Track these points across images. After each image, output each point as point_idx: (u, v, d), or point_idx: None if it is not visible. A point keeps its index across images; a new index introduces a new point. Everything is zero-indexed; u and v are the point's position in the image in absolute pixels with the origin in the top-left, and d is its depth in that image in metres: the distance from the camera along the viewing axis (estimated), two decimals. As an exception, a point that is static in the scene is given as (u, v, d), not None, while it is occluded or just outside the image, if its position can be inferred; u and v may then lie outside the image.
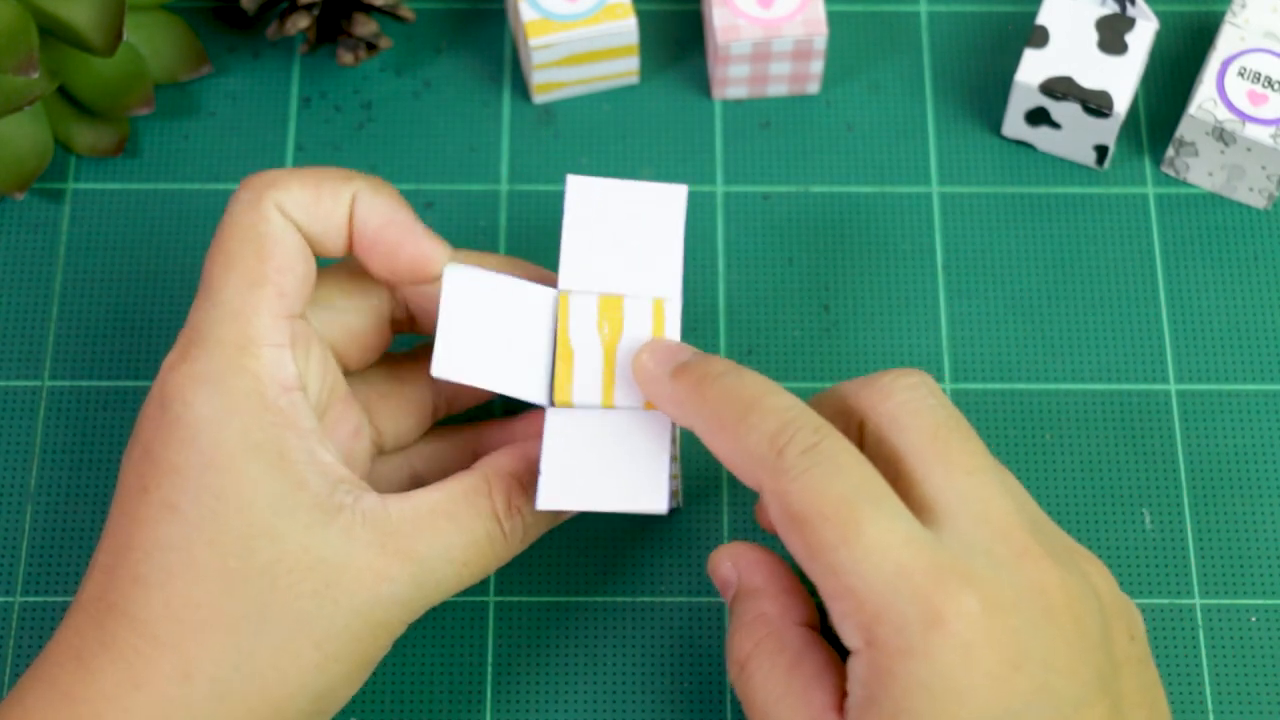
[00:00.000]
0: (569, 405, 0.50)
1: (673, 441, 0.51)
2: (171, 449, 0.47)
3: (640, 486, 0.50)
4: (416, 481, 0.55)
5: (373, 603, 0.47)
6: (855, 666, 0.44)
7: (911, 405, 0.47)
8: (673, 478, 0.54)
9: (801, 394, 0.60)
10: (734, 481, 0.59)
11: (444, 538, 0.48)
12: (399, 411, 0.53)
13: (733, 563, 0.50)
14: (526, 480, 0.50)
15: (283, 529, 0.46)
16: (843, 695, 0.45)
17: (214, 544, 0.46)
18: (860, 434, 0.48)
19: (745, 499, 0.58)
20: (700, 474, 0.58)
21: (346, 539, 0.47)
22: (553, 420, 0.50)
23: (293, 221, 0.49)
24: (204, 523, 0.46)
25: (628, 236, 0.52)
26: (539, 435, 0.52)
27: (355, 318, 0.52)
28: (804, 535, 0.44)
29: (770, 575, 0.49)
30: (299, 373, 0.48)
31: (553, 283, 0.52)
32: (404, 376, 0.54)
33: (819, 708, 0.45)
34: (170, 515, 0.46)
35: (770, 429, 0.45)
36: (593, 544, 0.58)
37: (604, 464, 0.50)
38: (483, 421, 0.57)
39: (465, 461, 0.55)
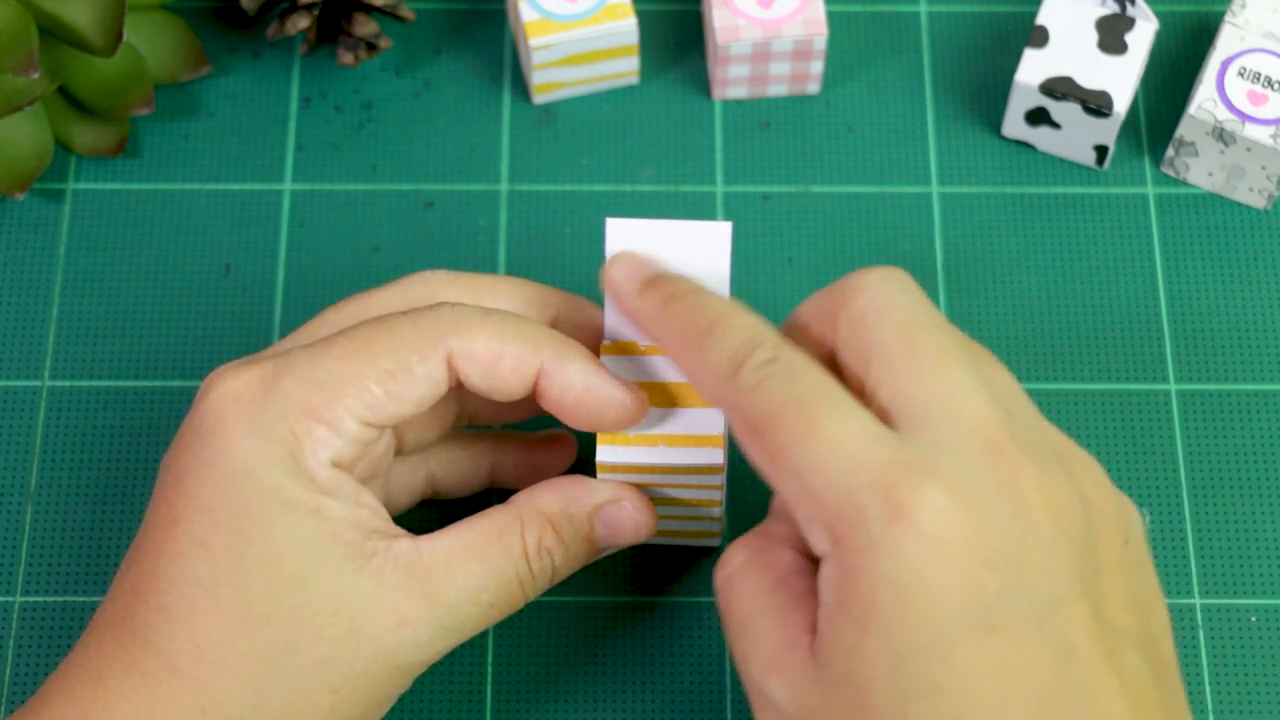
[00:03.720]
0: (621, 443, 0.50)
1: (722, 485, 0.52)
2: (206, 487, 0.46)
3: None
4: (433, 484, 0.55)
5: (395, 647, 0.47)
6: (825, 572, 0.43)
7: (880, 302, 0.45)
8: (717, 519, 0.55)
9: (801, 394, 0.60)
10: (733, 484, 0.59)
11: (473, 579, 0.48)
12: (421, 421, 0.53)
13: None
14: (560, 522, 0.50)
15: (310, 577, 0.46)
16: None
17: (241, 586, 0.46)
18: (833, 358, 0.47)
19: (747, 499, 0.58)
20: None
21: (375, 584, 0.47)
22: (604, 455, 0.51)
23: (461, 372, 0.48)
24: (232, 565, 0.46)
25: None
26: (570, 472, 0.53)
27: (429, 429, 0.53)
28: (762, 442, 0.44)
29: (780, 502, 0.48)
30: (349, 463, 0.48)
31: (553, 302, 0.52)
32: None
33: (795, 627, 0.44)
34: (199, 553, 0.46)
35: (731, 346, 0.45)
36: (593, 544, 0.58)
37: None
38: (503, 433, 0.57)
39: (482, 471, 0.55)
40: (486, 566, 0.48)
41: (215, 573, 0.46)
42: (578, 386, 0.49)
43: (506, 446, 0.56)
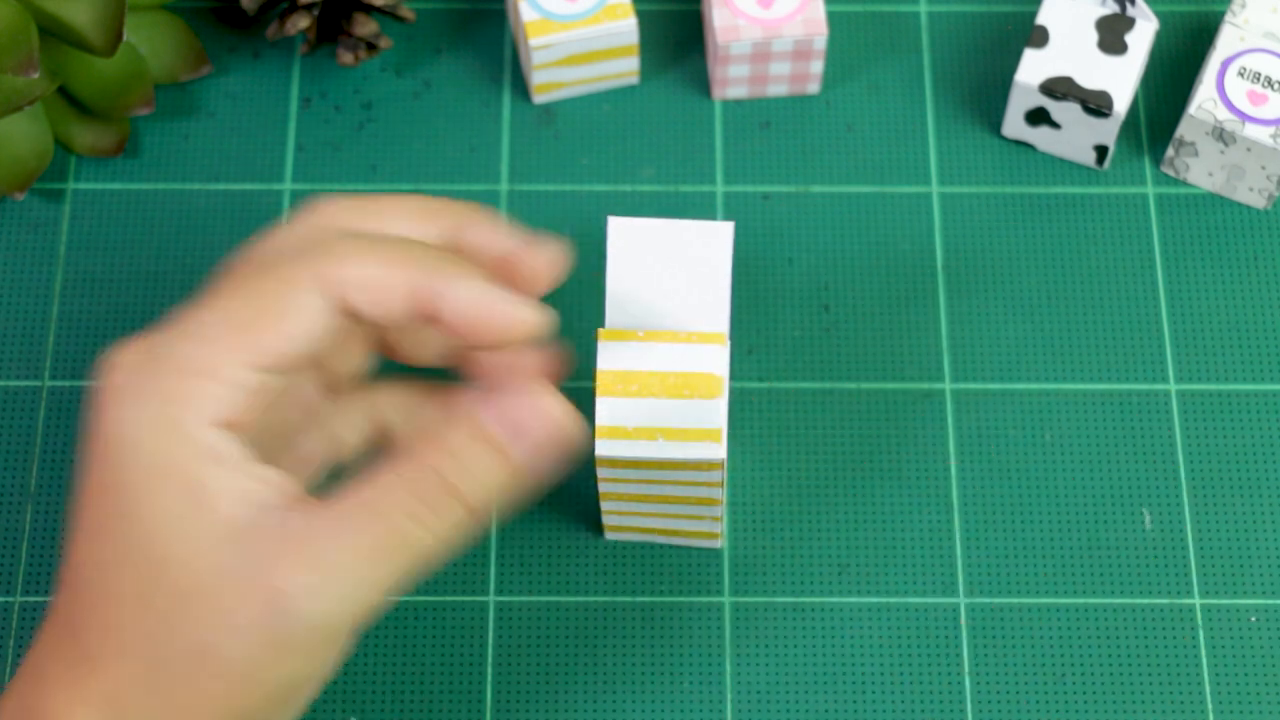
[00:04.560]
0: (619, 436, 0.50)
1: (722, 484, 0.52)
2: (95, 465, 0.46)
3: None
4: (385, 436, 0.53)
5: (277, 626, 0.44)
6: None
7: None
8: (717, 518, 0.55)
9: (800, 394, 0.60)
10: (733, 485, 0.59)
11: (362, 537, 0.45)
12: (338, 356, 0.51)
13: None
14: (455, 444, 0.46)
15: (183, 557, 0.44)
16: None
17: (131, 567, 0.45)
18: None
19: (747, 499, 0.58)
20: (700, 474, 0.58)
21: (253, 560, 0.44)
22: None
23: (343, 299, 0.46)
24: (121, 545, 0.45)
25: (672, 276, 0.51)
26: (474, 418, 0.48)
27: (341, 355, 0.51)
28: None
29: None
30: (244, 417, 0.46)
31: (448, 217, 0.50)
32: None
33: None
34: (97, 535, 0.45)
35: None
36: (592, 544, 0.58)
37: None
38: (462, 386, 0.53)
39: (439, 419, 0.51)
40: (368, 514, 0.45)
41: (109, 555, 0.45)
42: (468, 304, 0.46)
43: (464, 399, 0.50)
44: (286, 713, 0.47)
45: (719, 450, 0.50)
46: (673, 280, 0.51)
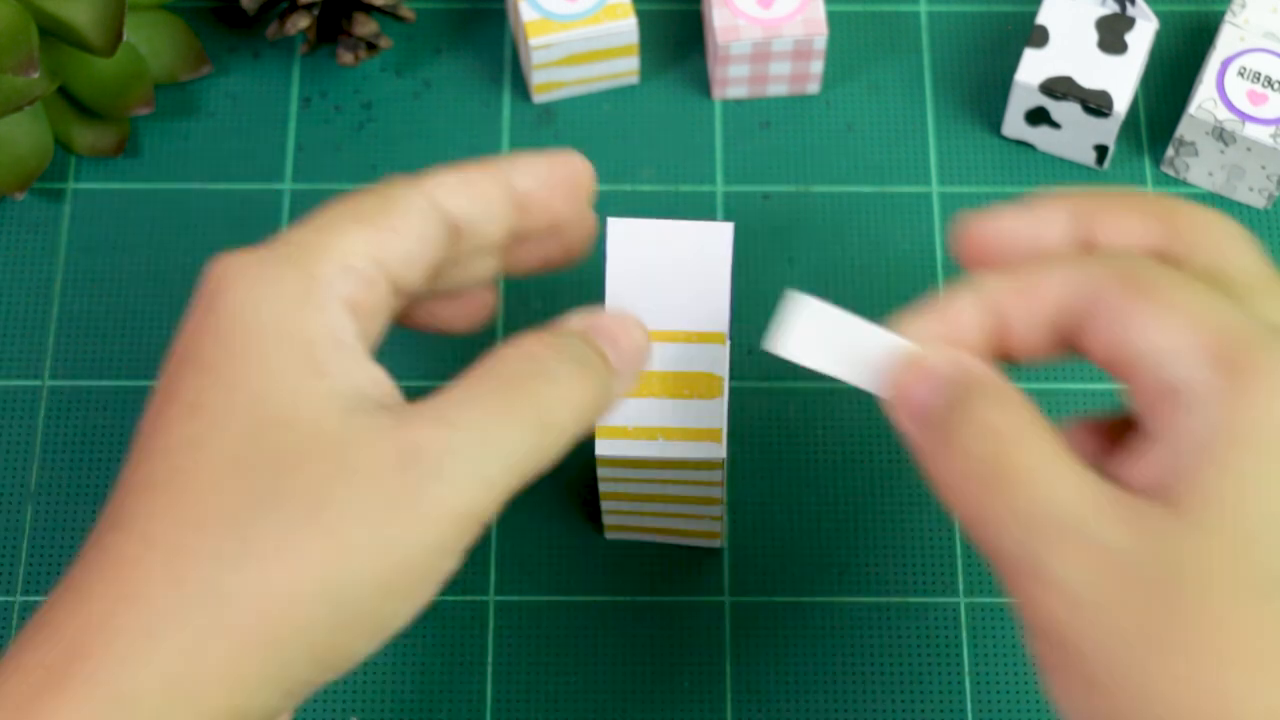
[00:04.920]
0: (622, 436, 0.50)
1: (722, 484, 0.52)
2: (202, 344, 0.43)
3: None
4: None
5: (400, 485, 0.40)
6: (1197, 408, 0.39)
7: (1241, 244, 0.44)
8: (717, 518, 0.55)
9: (800, 394, 0.60)
10: (733, 483, 0.59)
11: (469, 390, 0.42)
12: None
13: (958, 363, 0.43)
14: (554, 332, 0.45)
15: (298, 417, 0.41)
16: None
17: (226, 435, 0.41)
18: None
19: (747, 499, 0.58)
20: (700, 474, 0.58)
21: (366, 423, 0.41)
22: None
23: (445, 209, 0.46)
24: (221, 415, 0.41)
25: (672, 276, 0.51)
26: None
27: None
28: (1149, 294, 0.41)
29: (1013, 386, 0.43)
30: (363, 302, 0.44)
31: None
32: None
33: (1109, 483, 0.40)
34: (191, 414, 0.42)
35: None
36: (592, 544, 0.58)
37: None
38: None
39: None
40: (489, 375, 0.42)
41: (203, 429, 0.41)
42: (537, 164, 0.47)
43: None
44: (383, 619, 0.42)
45: (719, 450, 0.50)
46: (672, 280, 0.51)
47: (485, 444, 0.41)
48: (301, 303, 0.42)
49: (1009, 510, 0.40)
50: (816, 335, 0.44)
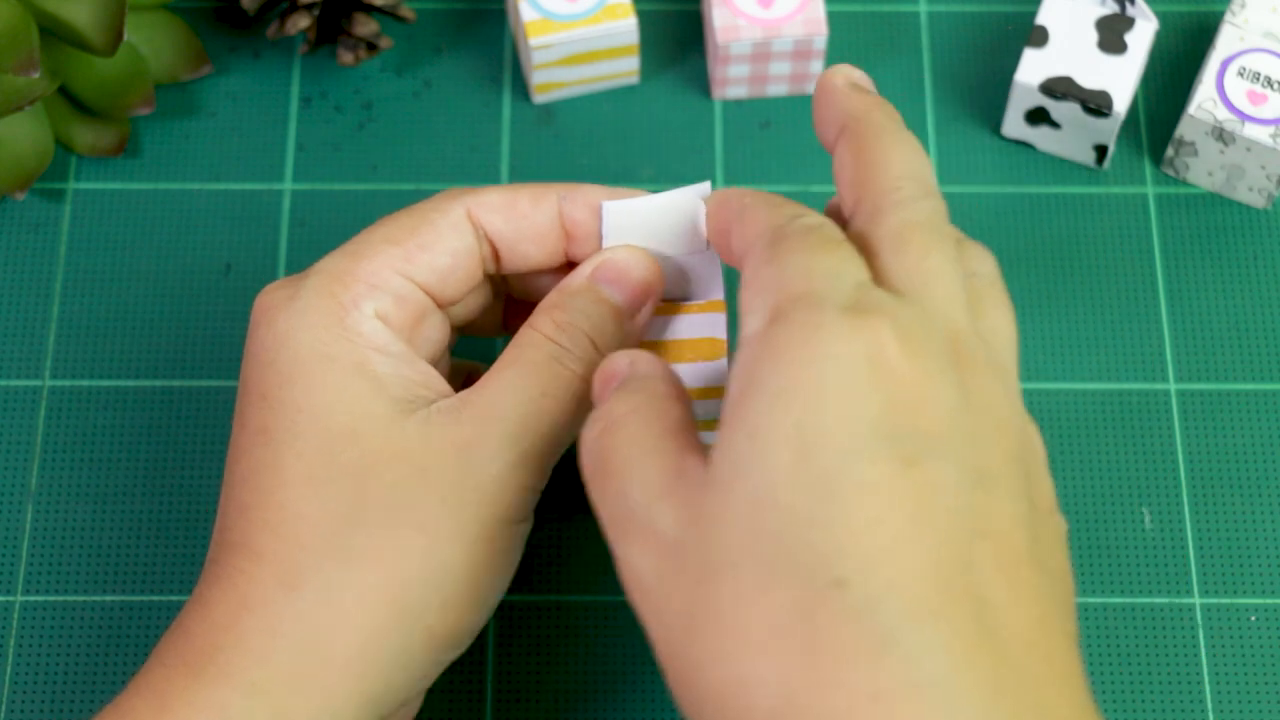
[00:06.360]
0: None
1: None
2: (258, 375, 0.47)
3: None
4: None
5: (465, 472, 0.46)
6: (742, 356, 0.41)
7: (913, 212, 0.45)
8: None
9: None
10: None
11: (511, 380, 0.47)
12: (466, 304, 0.53)
13: (632, 360, 0.46)
14: (562, 298, 0.49)
15: (362, 429, 0.46)
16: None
17: (300, 455, 0.46)
18: None
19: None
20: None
21: (425, 426, 0.46)
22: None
23: (482, 225, 0.50)
24: (288, 438, 0.46)
25: (668, 249, 0.51)
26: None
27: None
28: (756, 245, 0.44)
29: (669, 374, 0.46)
30: (398, 316, 0.48)
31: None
32: None
33: (687, 463, 0.41)
34: (262, 440, 0.46)
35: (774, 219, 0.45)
36: (593, 543, 0.58)
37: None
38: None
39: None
40: (519, 365, 0.47)
41: (277, 452, 0.46)
42: (597, 195, 0.50)
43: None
44: (481, 590, 0.47)
45: (709, 435, 0.50)
46: (668, 252, 0.51)
47: (529, 427, 0.47)
48: (337, 327, 0.47)
49: (603, 500, 0.43)
50: (630, 227, 0.50)
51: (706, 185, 0.50)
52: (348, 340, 0.47)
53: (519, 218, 0.50)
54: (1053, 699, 0.38)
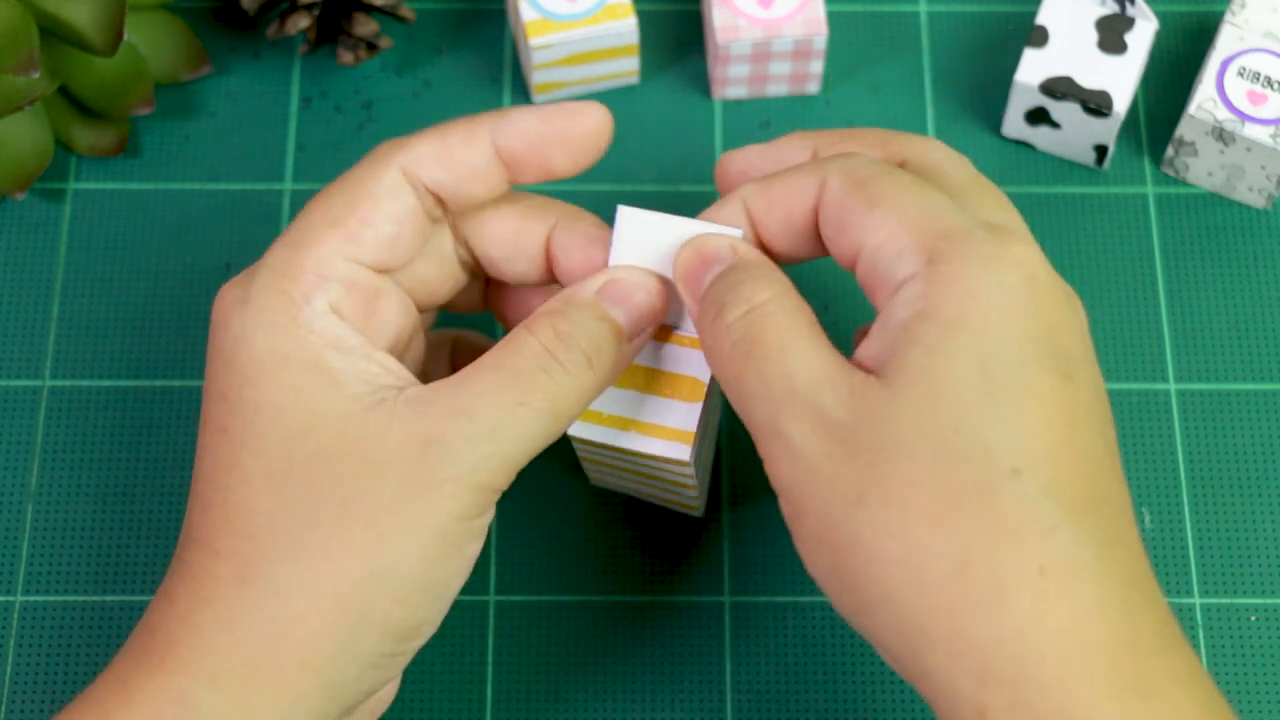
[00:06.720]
0: (597, 421, 0.50)
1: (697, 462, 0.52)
2: (219, 376, 0.48)
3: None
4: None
5: (422, 467, 0.45)
6: (906, 293, 0.45)
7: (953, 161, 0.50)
8: (696, 494, 0.55)
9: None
10: (732, 480, 0.59)
11: (492, 383, 0.46)
12: (427, 280, 0.52)
13: (733, 245, 0.49)
14: (567, 309, 0.49)
15: (317, 426, 0.46)
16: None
17: (258, 453, 0.46)
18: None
19: (747, 497, 0.58)
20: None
21: (386, 420, 0.46)
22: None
23: (420, 180, 0.49)
24: (247, 436, 0.46)
25: (667, 270, 0.50)
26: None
27: (425, 265, 0.52)
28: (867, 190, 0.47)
29: (776, 266, 0.49)
30: (352, 310, 0.48)
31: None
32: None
33: (839, 356, 0.45)
34: (223, 439, 0.47)
35: None
36: (593, 544, 0.58)
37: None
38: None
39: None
40: (502, 370, 0.47)
41: (234, 450, 0.46)
42: (522, 128, 0.50)
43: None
44: (434, 586, 0.47)
45: (686, 451, 0.50)
46: (670, 275, 0.51)
47: (498, 433, 0.46)
48: (290, 326, 0.47)
49: (758, 378, 0.45)
50: (643, 241, 0.49)
51: (739, 233, 0.50)
52: (300, 339, 0.47)
53: (456, 163, 0.49)
54: (1154, 588, 0.44)
